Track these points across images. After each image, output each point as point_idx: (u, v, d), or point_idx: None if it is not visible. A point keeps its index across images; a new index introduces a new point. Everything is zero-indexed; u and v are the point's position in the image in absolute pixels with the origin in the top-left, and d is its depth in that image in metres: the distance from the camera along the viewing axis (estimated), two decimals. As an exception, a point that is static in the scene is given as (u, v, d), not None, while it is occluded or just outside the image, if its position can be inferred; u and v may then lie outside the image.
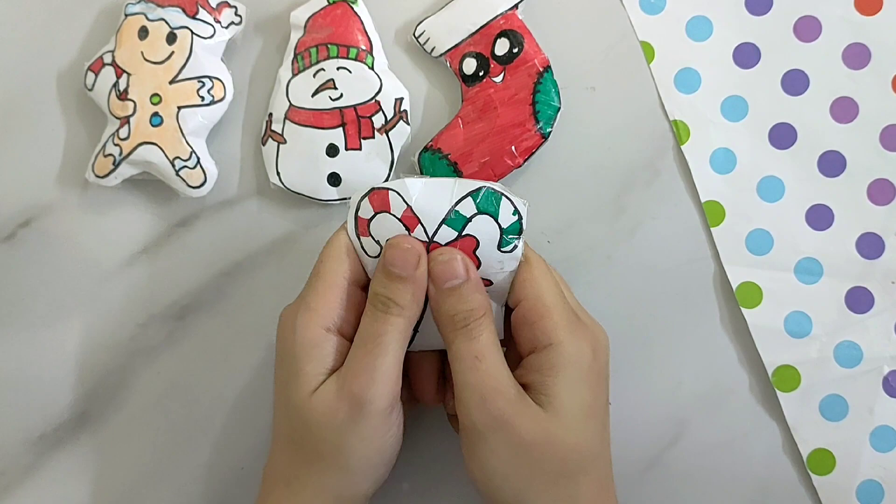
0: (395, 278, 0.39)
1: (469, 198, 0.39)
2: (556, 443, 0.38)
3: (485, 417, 0.38)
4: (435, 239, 0.40)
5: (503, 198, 0.39)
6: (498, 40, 0.46)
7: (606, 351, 0.41)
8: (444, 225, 0.39)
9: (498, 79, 0.46)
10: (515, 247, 0.40)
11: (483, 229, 0.39)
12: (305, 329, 0.39)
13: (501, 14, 0.46)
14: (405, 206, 0.39)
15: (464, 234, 0.39)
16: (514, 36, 0.46)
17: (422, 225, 0.39)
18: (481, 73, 0.47)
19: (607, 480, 0.40)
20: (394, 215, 0.39)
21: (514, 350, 0.41)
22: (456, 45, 0.47)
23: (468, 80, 0.47)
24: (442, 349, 0.41)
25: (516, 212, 0.39)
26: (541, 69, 0.46)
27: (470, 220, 0.39)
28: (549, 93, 0.46)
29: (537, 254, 0.41)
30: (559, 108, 0.46)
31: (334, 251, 0.40)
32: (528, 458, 0.38)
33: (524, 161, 0.46)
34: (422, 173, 0.47)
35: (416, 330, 0.41)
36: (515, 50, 0.46)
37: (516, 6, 0.46)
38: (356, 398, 0.37)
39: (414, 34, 0.47)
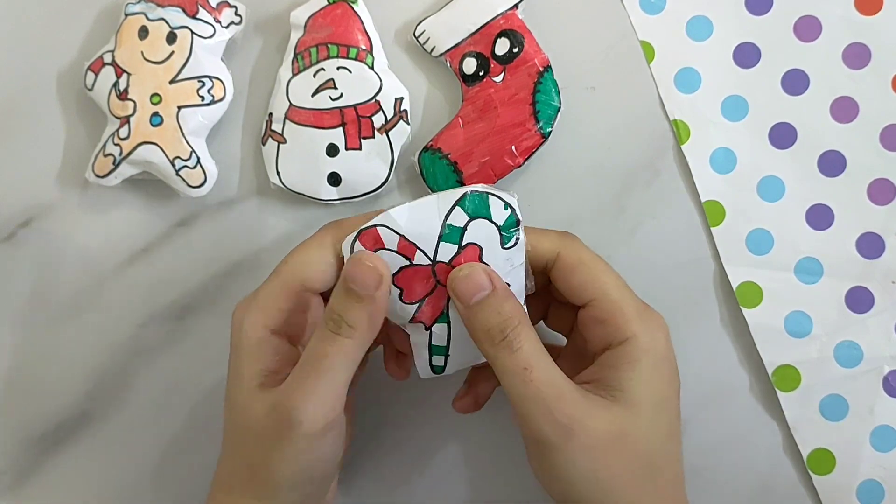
0: (352, 296, 0.37)
1: (457, 207, 0.38)
2: (633, 437, 0.37)
3: (555, 427, 0.36)
4: (438, 259, 0.39)
5: (490, 196, 0.39)
6: (498, 40, 0.46)
7: (669, 334, 0.40)
8: (442, 242, 0.38)
9: (498, 78, 0.46)
10: (517, 239, 0.39)
11: (481, 234, 0.39)
12: (252, 328, 0.38)
13: (501, 14, 0.46)
14: (398, 236, 0.38)
15: (464, 244, 0.39)
16: (515, 36, 0.46)
17: (420, 250, 0.39)
18: (481, 73, 0.47)
19: (682, 473, 0.40)
20: (390, 249, 0.38)
21: (575, 347, 0.41)
22: (456, 45, 0.47)
23: (468, 79, 0.47)
24: (477, 364, 0.41)
25: (507, 206, 0.39)
26: (541, 69, 0.46)
27: (465, 228, 0.38)
28: (549, 92, 0.46)
29: (591, 251, 0.40)
30: (559, 108, 0.46)
31: (299, 255, 0.39)
32: (606, 458, 0.37)
33: (524, 161, 0.46)
34: (422, 173, 0.47)
35: (447, 354, 0.41)
36: (515, 50, 0.46)
37: (516, 6, 0.46)
38: (286, 417, 0.36)
39: (414, 34, 0.47)
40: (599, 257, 0.40)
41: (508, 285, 0.39)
